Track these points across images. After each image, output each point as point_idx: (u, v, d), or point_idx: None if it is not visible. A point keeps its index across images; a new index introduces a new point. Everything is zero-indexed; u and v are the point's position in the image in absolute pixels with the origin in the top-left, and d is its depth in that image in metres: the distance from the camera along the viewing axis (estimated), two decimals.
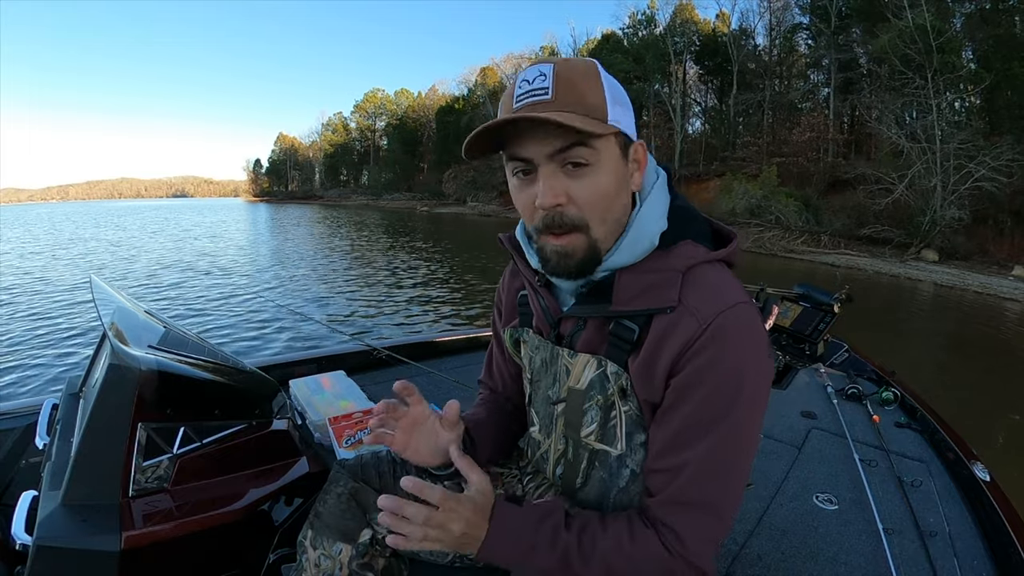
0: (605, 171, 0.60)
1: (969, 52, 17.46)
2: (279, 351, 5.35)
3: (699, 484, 0.61)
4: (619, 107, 0.61)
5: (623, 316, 0.65)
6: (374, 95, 63.53)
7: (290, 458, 1.14)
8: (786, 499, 1.36)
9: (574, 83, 0.58)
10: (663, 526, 0.62)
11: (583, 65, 0.60)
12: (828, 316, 2.32)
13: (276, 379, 1.33)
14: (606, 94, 0.59)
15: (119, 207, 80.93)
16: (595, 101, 0.58)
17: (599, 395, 0.69)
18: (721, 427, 0.59)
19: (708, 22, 29.87)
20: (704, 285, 0.62)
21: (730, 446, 0.60)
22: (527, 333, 0.81)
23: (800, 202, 18.43)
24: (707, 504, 0.61)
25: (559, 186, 0.59)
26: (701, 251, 0.64)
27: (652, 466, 0.65)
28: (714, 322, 0.59)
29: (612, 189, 0.61)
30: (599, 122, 0.58)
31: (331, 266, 12.07)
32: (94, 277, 1.28)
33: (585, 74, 0.59)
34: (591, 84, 0.59)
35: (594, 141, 0.58)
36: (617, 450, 0.70)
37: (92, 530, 0.84)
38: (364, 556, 0.81)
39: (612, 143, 0.60)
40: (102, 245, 16.66)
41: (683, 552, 0.61)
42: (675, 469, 0.62)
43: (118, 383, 0.93)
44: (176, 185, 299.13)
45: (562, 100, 0.57)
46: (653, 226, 0.65)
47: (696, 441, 0.60)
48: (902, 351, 6.58)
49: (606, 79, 0.60)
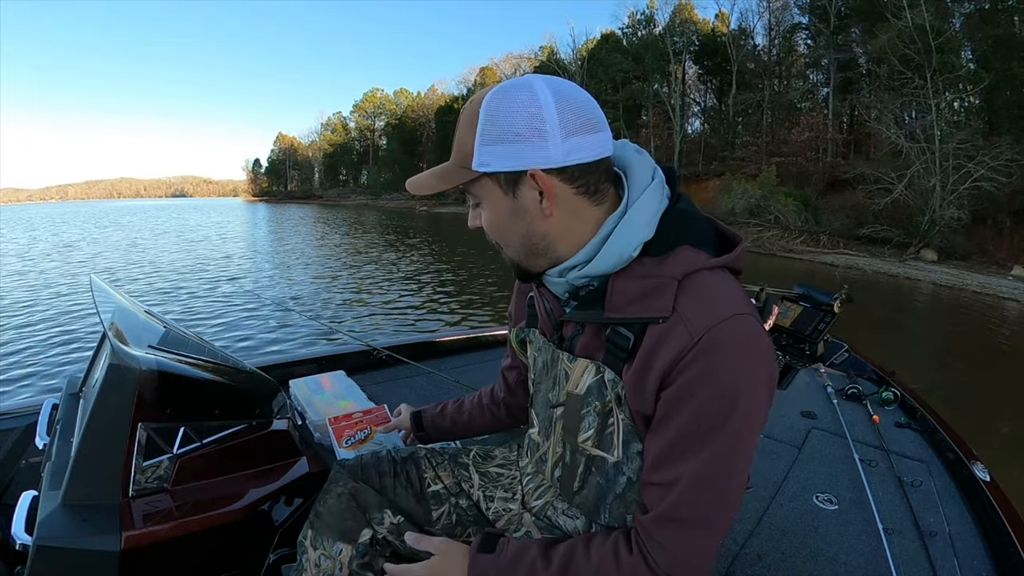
0: (489, 207, 0.66)
1: (968, 52, 17.48)
2: (279, 351, 5.35)
3: (692, 500, 0.59)
4: (496, 146, 0.61)
5: (617, 323, 0.64)
6: (373, 95, 63.55)
7: (290, 458, 1.14)
8: (786, 499, 1.36)
9: (461, 133, 0.63)
10: (655, 543, 0.61)
11: (472, 110, 0.62)
12: (828, 316, 2.32)
13: (276, 379, 1.32)
14: (477, 140, 0.61)
15: (119, 207, 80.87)
16: (469, 150, 0.62)
17: (597, 401, 0.68)
18: (715, 441, 0.58)
19: (707, 22, 29.92)
20: (700, 294, 0.60)
21: (724, 460, 0.59)
22: (533, 334, 0.82)
23: (799, 202, 18.45)
24: (700, 520, 0.60)
25: (474, 215, 0.70)
26: (701, 257, 0.62)
27: (646, 479, 0.64)
28: (706, 335, 0.57)
29: (501, 221, 0.66)
30: (465, 171, 0.63)
31: (331, 266, 12.06)
32: (94, 277, 1.28)
33: (469, 122, 0.62)
34: (469, 133, 0.62)
35: (468, 187, 0.66)
36: (614, 457, 0.69)
37: (92, 530, 0.83)
38: (364, 556, 0.81)
39: (487, 183, 0.64)
40: (115, 248, 16.63)
41: (670, 572, 0.60)
42: (668, 484, 0.61)
43: (118, 383, 0.92)
44: (175, 185, 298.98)
45: (454, 152, 0.65)
46: (634, 235, 0.62)
47: (690, 455, 0.59)
48: (902, 351, 6.59)
49: (485, 119, 0.61)
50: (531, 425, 0.86)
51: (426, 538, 0.76)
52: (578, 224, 0.65)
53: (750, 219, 18.47)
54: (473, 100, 0.63)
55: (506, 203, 0.64)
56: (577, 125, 0.60)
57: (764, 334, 0.60)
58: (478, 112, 0.61)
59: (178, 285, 9.24)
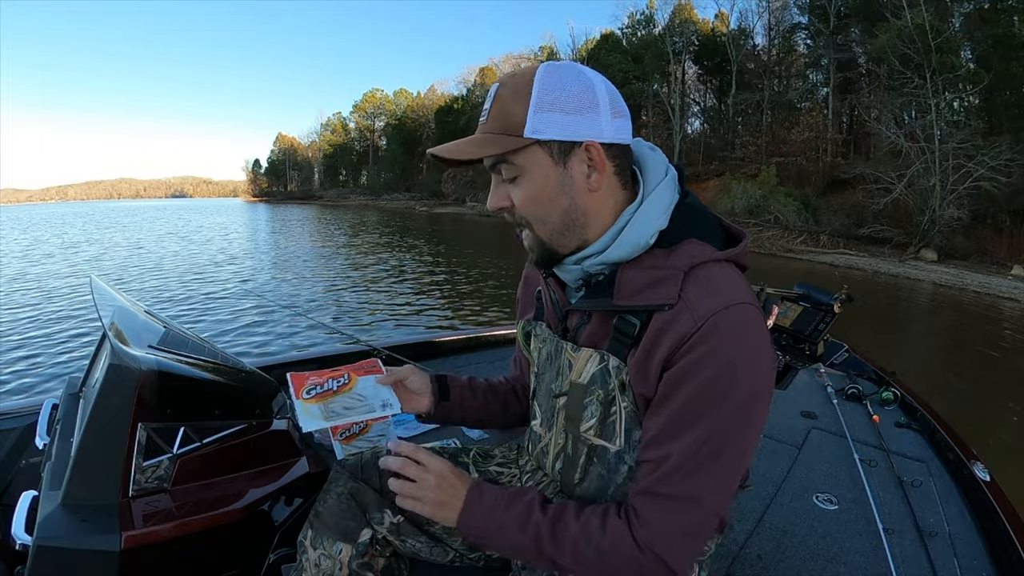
0: (533, 179, 0.65)
1: (968, 52, 17.49)
2: (279, 351, 5.35)
3: (679, 477, 0.60)
4: (552, 114, 0.62)
5: (625, 311, 0.66)
6: (373, 95, 63.54)
7: (290, 458, 1.14)
8: (786, 499, 1.36)
9: (504, 103, 0.63)
10: (637, 517, 0.63)
11: (523, 80, 0.63)
12: (828, 316, 2.32)
13: (276, 379, 1.33)
14: (531, 107, 0.62)
15: (119, 207, 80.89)
16: (517, 119, 0.62)
17: (600, 390, 0.69)
18: (709, 420, 0.59)
19: (707, 22, 29.92)
20: (706, 284, 0.62)
21: (719, 440, 0.60)
22: (539, 327, 0.83)
23: (799, 202, 18.46)
24: (686, 497, 0.61)
25: (501, 192, 0.68)
26: (707, 250, 0.64)
27: (640, 457, 0.66)
28: (710, 319, 0.59)
29: (544, 194, 0.65)
30: (512, 139, 0.62)
31: (331, 266, 12.07)
32: (94, 277, 1.28)
33: (516, 92, 0.63)
34: (518, 101, 0.62)
35: (512, 156, 0.64)
36: (616, 446, 0.70)
37: (92, 530, 0.83)
38: (364, 556, 0.81)
39: (537, 152, 0.63)
40: (116, 247, 16.62)
41: (652, 545, 0.61)
42: (658, 460, 0.62)
43: (118, 383, 0.92)
44: (175, 185, 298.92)
45: (492, 121, 0.64)
46: (651, 223, 0.65)
47: (682, 433, 0.60)
48: (901, 351, 6.59)
49: (542, 87, 0.62)
50: (532, 416, 0.87)
51: (410, 445, 0.77)
52: (611, 204, 0.67)
53: (750, 219, 18.46)
54: (516, 74, 0.65)
55: (554, 174, 0.65)
56: (617, 108, 0.65)
57: (765, 326, 0.63)
58: (528, 83, 0.62)
59: (178, 285, 9.24)
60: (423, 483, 0.72)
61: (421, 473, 0.73)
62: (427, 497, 0.72)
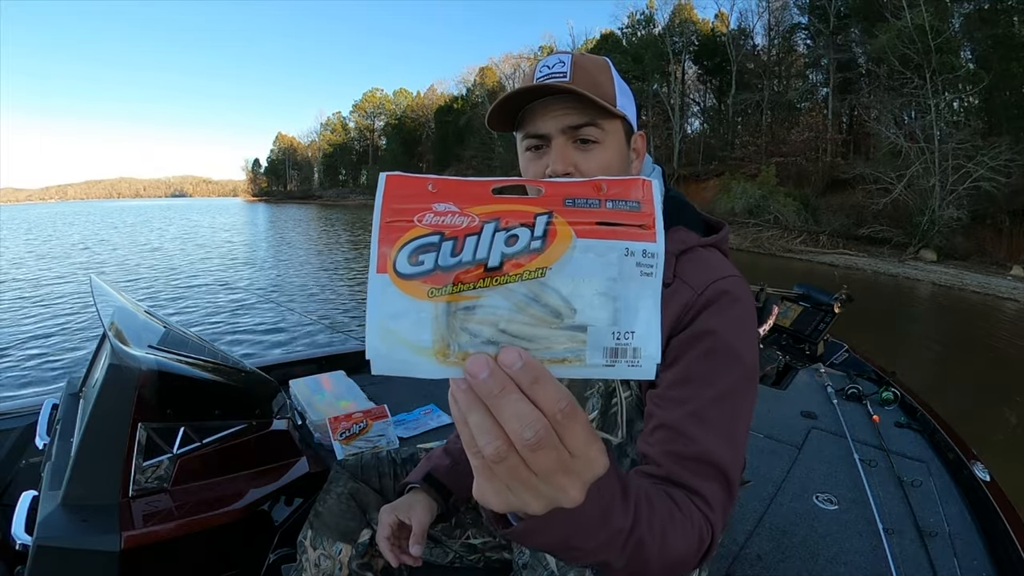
0: (610, 150, 0.66)
1: (968, 52, 17.48)
2: (279, 351, 5.35)
3: (709, 437, 0.55)
4: (625, 98, 0.68)
5: None
6: (373, 95, 63.58)
7: (290, 458, 1.14)
8: (786, 499, 1.36)
9: (589, 70, 0.65)
10: (687, 489, 0.54)
11: (597, 58, 0.68)
12: (828, 316, 2.33)
13: (276, 379, 1.33)
14: (616, 84, 0.67)
15: (119, 207, 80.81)
16: (606, 88, 0.65)
17: (600, 381, 0.70)
18: (725, 380, 0.58)
19: (707, 22, 29.90)
20: (698, 263, 0.66)
21: (735, 396, 0.58)
22: None
23: (799, 202, 18.45)
24: (719, 463, 0.55)
25: (569, 157, 0.65)
26: (693, 236, 0.69)
27: (653, 406, 0.60)
28: (709, 287, 0.62)
29: (615, 167, 0.66)
30: (610, 105, 0.64)
31: (331, 266, 12.06)
32: (94, 277, 1.28)
33: (597, 65, 0.67)
34: (603, 73, 0.66)
35: (603, 122, 0.65)
36: (618, 438, 0.70)
37: (92, 530, 0.83)
38: (364, 556, 0.81)
39: (619, 127, 0.67)
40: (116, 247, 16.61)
41: (710, 515, 0.53)
42: (681, 400, 0.57)
43: (118, 383, 0.93)
44: (175, 185, 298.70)
45: (578, 82, 0.63)
46: None
47: (701, 390, 0.57)
48: (901, 351, 6.59)
49: (616, 74, 0.68)
50: None
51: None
52: None
53: (749, 219, 18.47)
54: (583, 54, 0.67)
55: (624, 150, 0.69)
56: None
57: (753, 300, 0.67)
58: (606, 64, 0.68)
59: (178, 285, 9.23)
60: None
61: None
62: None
